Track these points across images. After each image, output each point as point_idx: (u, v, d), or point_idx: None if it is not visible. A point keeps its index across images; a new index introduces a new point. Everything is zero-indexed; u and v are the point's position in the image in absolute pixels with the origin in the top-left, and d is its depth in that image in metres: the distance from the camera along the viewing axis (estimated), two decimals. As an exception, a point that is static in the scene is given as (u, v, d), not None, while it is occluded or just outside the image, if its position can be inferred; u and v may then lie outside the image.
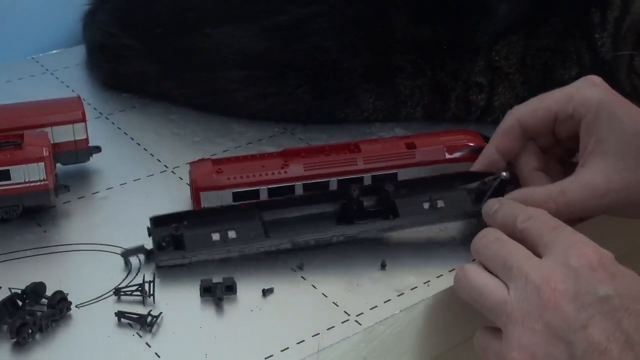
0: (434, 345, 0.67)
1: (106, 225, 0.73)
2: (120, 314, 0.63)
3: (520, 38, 0.85)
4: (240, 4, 0.86)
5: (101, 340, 0.61)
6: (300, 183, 0.73)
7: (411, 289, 0.66)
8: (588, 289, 0.55)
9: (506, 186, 0.69)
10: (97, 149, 0.80)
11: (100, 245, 0.71)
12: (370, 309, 0.64)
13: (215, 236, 0.68)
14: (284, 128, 0.87)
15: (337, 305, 0.65)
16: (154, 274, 0.66)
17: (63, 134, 0.76)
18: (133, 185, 0.79)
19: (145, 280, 0.65)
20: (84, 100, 0.84)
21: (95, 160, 0.80)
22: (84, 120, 0.77)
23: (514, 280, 0.58)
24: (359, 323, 0.63)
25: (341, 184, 0.74)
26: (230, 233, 0.68)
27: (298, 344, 0.61)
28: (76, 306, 0.64)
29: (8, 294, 0.63)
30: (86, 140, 0.77)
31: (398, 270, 0.68)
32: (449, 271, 0.67)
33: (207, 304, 0.65)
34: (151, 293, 0.65)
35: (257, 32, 0.85)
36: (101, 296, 0.65)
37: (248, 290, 0.65)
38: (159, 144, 0.85)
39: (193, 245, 0.68)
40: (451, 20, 0.85)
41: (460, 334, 0.67)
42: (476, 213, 0.68)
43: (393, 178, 0.73)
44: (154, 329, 0.62)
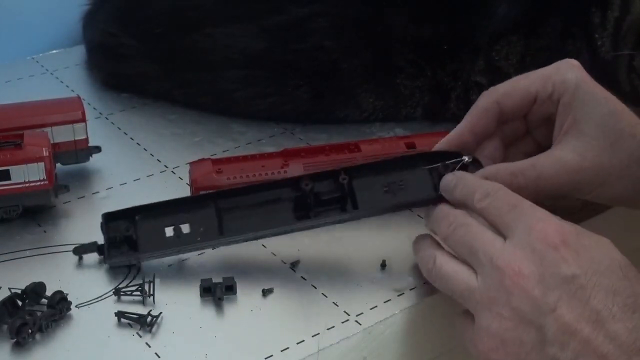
0: (434, 345, 0.67)
1: (106, 225, 0.73)
2: (120, 314, 0.63)
3: (520, 38, 0.85)
4: (240, 4, 0.86)
5: (101, 340, 0.61)
6: (300, 183, 0.73)
7: (411, 289, 0.66)
8: (553, 270, 0.55)
9: (467, 170, 0.66)
10: (97, 149, 0.80)
11: (100, 245, 0.71)
12: (370, 309, 0.64)
13: (169, 231, 0.67)
14: (284, 128, 0.87)
15: (337, 305, 0.65)
16: (154, 274, 0.66)
17: (63, 134, 0.76)
18: (133, 185, 0.79)
19: (145, 280, 0.65)
20: (84, 100, 0.84)
21: (95, 160, 0.80)
22: (84, 120, 0.77)
23: (480, 266, 0.58)
24: (359, 323, 0.63)
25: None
26: (184, 227, 0.67)
27: (298, 344, 0.61)
28: (76, 306, 0.64)
29: (8, 294, 0.63)
30: (86, 140, 0.77)
31: (398, 270, 0.68)
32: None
33: (207, 304, 0.65)
34: (151, 293, 0.65)
35: (257, 32, 0.85)
36: (101, 296, 0.65)
37: (248, 290, 0.65)
38: (159, 144, 0.85)
39: (146, 242, 0.67)
40: (451, 20, 0.85)
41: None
42: (438, 200, 0.65)
43: None
44: (154, 329, 0.62)
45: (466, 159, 0.66)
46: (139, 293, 0.65)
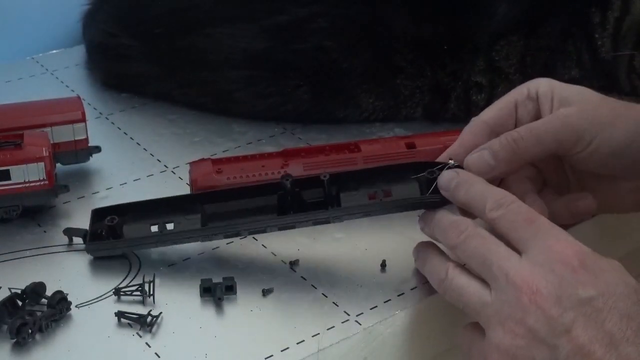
0: (434, 345, 0.67)
1: (106, 225, 0.73)
2: (120, 314, 0.63)
3: (520, 38, 0.85)
4: (240, 4, 0.86)
5: (101, 340, 0.61)
6: (300, 183, 0.73)
7: (411, 289, 0.66)
8: (570, 291, 0.54)
9: None
10: (97, 149, 0.80)
11: (100, 245, 0.71)
12: (370, 309, 0.64)
13: (154, 228, 0.68)
14: (284, 128, 0.87)
15: (337, 305, 0.65)
16: (154, 274, 0.66)
17: (63, 134, 0.76)
18: (133, 185, 0.79)
19: (145, 280, 0.65)
20: (84, 100, 0.84)
21: (95, 160, 0.80)
22: (84, 120, 0.77)
23: (494, 281, 0.57)
24: (359, 323, 0.63)
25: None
26: (169, 225, 0.67)
27: (298, 344, 0.61)
28: (76, 306, 0.64)
29: (8, 294, 0.63)
30: (86, 140, 0.77)
31: (398, 270, 0.68)
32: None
33: (207, 304, 0.65)
34: (151, 293, 0.65)
35: (257, 32, 0.85)
36: (101, 296, 0.65)
37: (248, 290, 0.65)
38: (159, 144, 0.85)
39: (130, 238, 0.67)
40: (451, 20, 0.85)
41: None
42: (424, 204, 0.65)
43: None
44: (154, 329, 0.62)
45: (452, 162, 0.65)
46: (139, 293, 0.65)
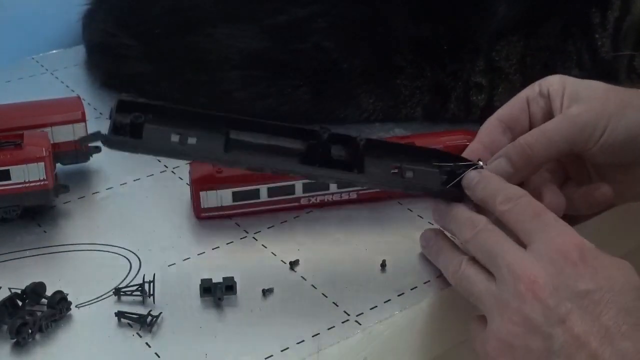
0: (434, 345, 0.67)
1: (106, 225, 0.73)
2: (120, 314, 0.63)
3: (520, 38, 0.85)
4: (240, 4, 0.86)
5: (101, 340, 0.61)
6: (300, 182, 0.73)
7: (411, 289, 0.66)
8: (568, 283, 0.55)
9: None
10: (97, 149, 0.79)
11: (100, 245, 0.71)
12: (370, 309, 0.64)
13: (175, 137, 0.64)
14: (284, 128, 0.87)
15: (337, 305, 0.65)
16: (154, 274, 0.66)
17: (63, 134, 0.76)
18: (133, 185, 0.79)
19: (145, 280, 0.65)
20: (84, 100, 0.84)
21: (95, 160, 0.80)
22: (84, 120, 0.77)
23: (498, 271, 0.58)
24: (359, 323, 0.63)
25: (341, 184, 0.74)
26: (191, 139, 0.64)
27: (298, 344, 0.61)
28: (76, 306, 0.64)
29: (8, 294, 0.63)
30: (86, 140, 0.77)
31: (398, 270, 0.68)
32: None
33: (207, 304, 0.65)
34: (151, 293, 0.65)
35: (257, 32, 0.85)
36: (101, 296, 0.65)
37: (248, 290, 0.65)
38: (159, 144, 0.85)
39: (150, 139, 0.63)
40: (451, 20, 0.85)
41: (460, 334, 0.67)
42: (441, 193, 0.66)
43: None
44: (154, 329, 0.62)
45: (481, 164, 0.66)
46: (139, 293, 0.65)
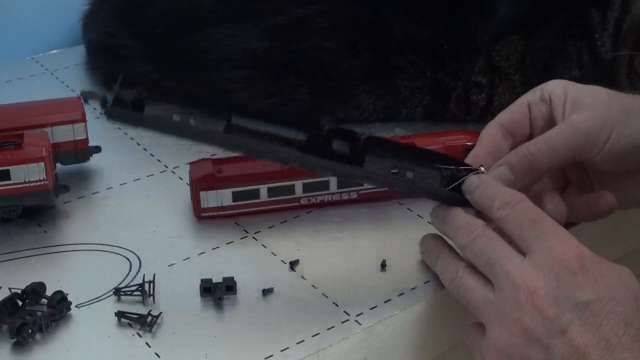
0: (434, 345, 0.67)
1: (106, 225, 0.73)
2: (120, 314, 0.63)
3: (520, 38, 0.85)
4: (240, 4, 0.86)
5: (101, 340, 0.61)
6: (300, 182, 0.73)
7: (411, 289, 0.66)
8: (568, 294, 0.55)
9: None
10: (97, 149, 0.80)
11: (100, 245, 0.71)
12: (370, 309, 0.64)
13: (176, 117, 0.63)
14: (284, 128, 0.87)
15: (337, 305, 0.65)
16: (154, 274, 0.66)
17: (63, 134, 0.76)
18: (133, 185, 0.79)
19: (145, 280, 0.65)
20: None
21: (95, 160, 0.80)
22: (84, 120, 0.77)
23: (497, 280, 0.58)
24: (359, 323, 0.63)
25: (341, 184, 0.74)
26: (192, 120, 0.63)
27: (298, 344, 0.61)
28: (76, 306, 0.64)
29: (8, 294, 0.63)
30: (86, 140, 0.77)
31: (398, 270, 0.68)
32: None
33: (207, 304, 0.65)
34: (151, 293, 0.65)
35: (257, 32, 0.85)
36: (101, 296, 0.65)
37: (248, 290, 0.65)
38: (159, 144, 0.85)
39: (151, 115, 0.62)
40: (451, 20, 0.85)
41: (460, 334, 0.67)
42: (441, 197, 0.65)
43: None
44: (154, 329, 0.62)
45: (482, 169, 0.65)
46: (139, 293, 0.65)
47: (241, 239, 0.71)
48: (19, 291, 0.63)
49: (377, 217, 0.74)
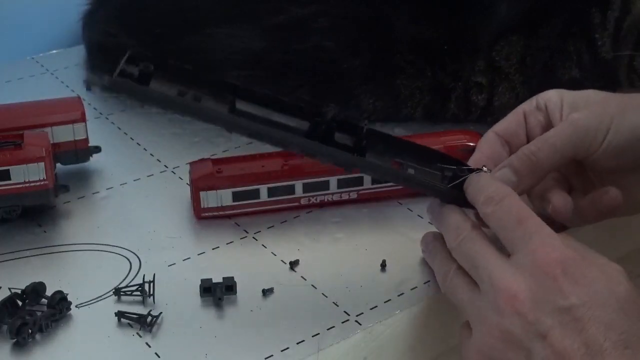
0: (434, 345, 0.67)
1: (106, 225, 0.73)
2: (120, 314, 0.63)
3: (520, 38, 0.85)
4: (240, 4, 0.86)
5: (101, 340, 0.61)
6: (300, 182, 0.73)
7: (411, 289, 0.66)
8: (549, 298, 0.54)
9: None
10: (97, 149, 0.80)
11: (100, 245, 0.71)
12: (370, 309, 0.64)
13: (181, 94, 0.62)
14: (284, 128, 0.87)
15: (337, 305, 0.65)
16: (154, 274, 0.66)
17: (63, 134, 0.76)
18: (133, 185, 0.79)
19: (145, 280, 0.65)
20: (84, 100, 0.84)
21: (95, 160, 0.80)
22: (84, 120, 0.77)
23: (481, 282, 0.58)
24: (359, 323, 0.63)
25: (341, 184, 0.74)
26: (197, 99, 0.63)
27: (298, 344, 0.61)
28: (76, 306, 0.64)
29: (8, 294, 0.63)
30: (86, 140, 0.77)
31: (398, 270, 0.68)
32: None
33: (207, 304, 0.65)
34: (151, 293, 0.65)
35: (257, 32, 0.85)
36: (101, 296, 0.65)
37: (248, 290, 0.65)
38: (159, 144, 0.85)
39: (156, 90, 0.62)
40: (451, 20, 0.85)
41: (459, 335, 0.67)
42: (438, 192, 0.64)
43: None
44: (154, 329, 0.62)
45: (485, 169, 0.65)
46: (139, 293, 0.65)
47: (241, 239, 0.71)
48: (19, 291, 0.63)
49: (377, 217, 0.74)
